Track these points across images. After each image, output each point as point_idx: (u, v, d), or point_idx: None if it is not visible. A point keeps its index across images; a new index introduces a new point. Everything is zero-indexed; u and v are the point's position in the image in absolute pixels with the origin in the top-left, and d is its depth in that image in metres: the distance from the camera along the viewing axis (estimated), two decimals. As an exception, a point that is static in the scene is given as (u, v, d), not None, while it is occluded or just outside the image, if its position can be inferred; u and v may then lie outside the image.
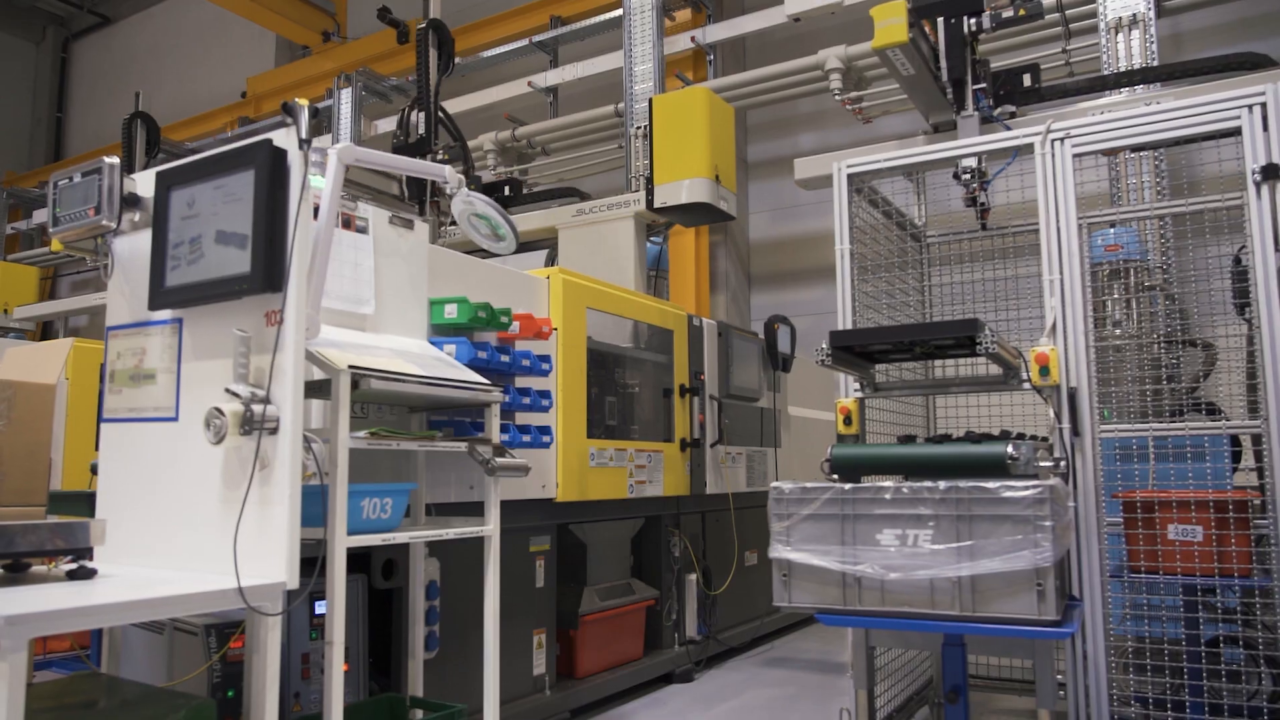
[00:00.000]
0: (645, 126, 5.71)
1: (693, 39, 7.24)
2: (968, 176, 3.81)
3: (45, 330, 10.46)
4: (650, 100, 5.69)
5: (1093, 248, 3.78)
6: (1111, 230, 3.88)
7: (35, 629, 1.77)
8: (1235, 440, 3.25)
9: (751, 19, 7.04)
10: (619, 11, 6.72)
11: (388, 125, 8.87)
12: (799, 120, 7.75)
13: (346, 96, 8.39)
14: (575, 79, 7.65)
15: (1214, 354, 3.62)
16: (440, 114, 5.60)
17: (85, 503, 3.77)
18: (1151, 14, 4.95)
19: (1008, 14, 4.37)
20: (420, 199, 5.49)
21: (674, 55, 7.22)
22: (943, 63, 4.27)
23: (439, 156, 5.55)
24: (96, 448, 5.41)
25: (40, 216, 11.71)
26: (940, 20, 4.29)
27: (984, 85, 4.27)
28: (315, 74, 10.21)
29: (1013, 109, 4.41)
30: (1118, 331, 3.82)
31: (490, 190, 6.09)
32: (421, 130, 5.57)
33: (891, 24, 4.00)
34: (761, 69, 6.83)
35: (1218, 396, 3.57)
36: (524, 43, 8.22)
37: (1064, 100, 4.66)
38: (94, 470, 4.27)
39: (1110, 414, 3.49)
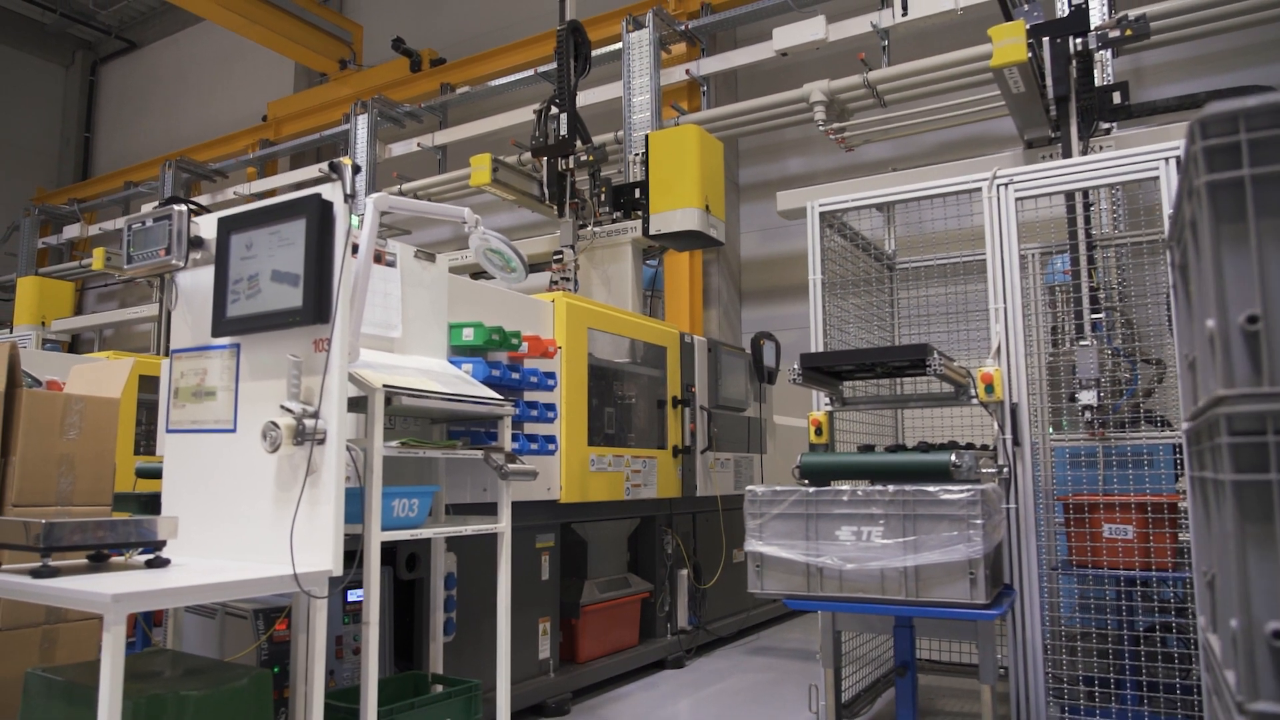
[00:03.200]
0: (641, 154, 6.13)
1: (687, 71, 7.56)
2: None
3: (73, 341, 10.90)
4: (646, 136, 6.06)
5: (1053, 270, 4.12)
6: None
7: (134, 606, 2.08)
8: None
9: (742, 53, 7.37)
10: (619, 45, 7.10)
11: (402, 149, 9.21)
12: (787, 146, 8.08)
13: (363, 122, 8.73)
14: (577, 106, 8.04)
15: (1163, 370, 3.96)
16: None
17: (134, 502, 4.14)
18: (1109, 53, 5.31)
19: (1114, 34, 4.48)
20: (560, 201, 5.88)
21: (670, 86, 7.54)
22: (1048, 80, 4.39)
23: (581, 158, 5.93)
24: (135, 453, 5.83)
25: (70, 232, 12.09)
26: (1046, 40, 4.41)
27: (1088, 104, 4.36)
28: (332, 99, 10.53)
29: (1108, 126, 4.54)
30: (1074, 348, 4.15)
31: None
32: (564, 131, 5.97)
33: (1010, 43, 4.18)
34: (751, 100, 7.16)
35: (1167, 409, 3.91)
36: (529, 73, 8.57)
37: (1151, 118, 4.77)
38: (139, 473, 4.68)
39: (1067, 424, 3.83)
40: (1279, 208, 1.23)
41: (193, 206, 2.94)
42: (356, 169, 2.77)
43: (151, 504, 4.07)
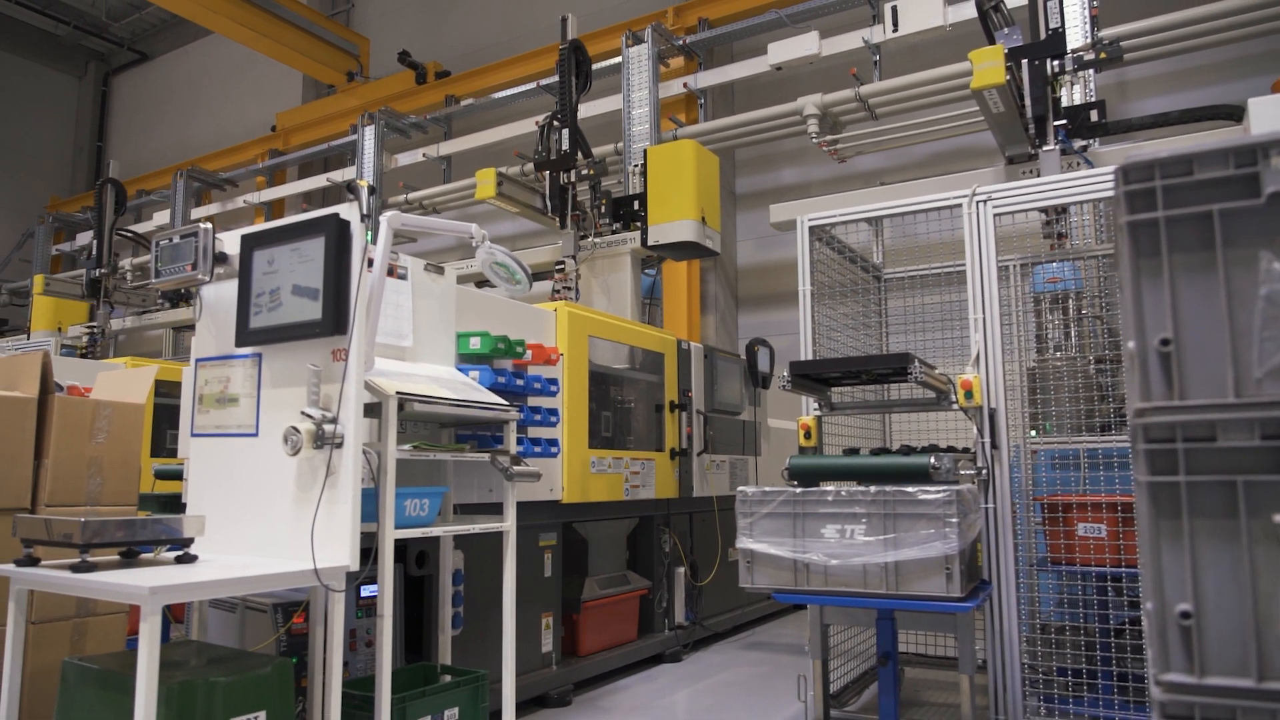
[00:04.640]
0: (640, 165, 6.32)
1: (685, 85, 7.73)
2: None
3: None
4: (645, 151, 6.23)
5: (1036, 280, 4.28)
6: (1053, 264, 4.38)
7: (170, 598, 2.22)
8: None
9: (738, 67, 7.53)
10: (618, 59, 7.28)
11: (408, 159, 9.35)
12: (782, 156, 8.23)
13: (370, 133, 8.88)
14: (578, 119, 8.22)
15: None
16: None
17: (154, 502, 4.32)
18: (1091, 71, 5.49)
19: (1089, 57, 4.66)
20: (561, 212, 6.10)
21: (668, 99, 7.70)
22: (1027, 100, 4.58)
23: (583, 171, 6.14)
24: (151, 455, 6.04)
25: (83, 239, 12.29)
26: (1025, 62, 4.59)
27: (1064, 122, 4.54)
28: (340, 110, 10.67)
29: (1087, 143, 4.66)
30: (1058, 354, 4.31)
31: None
32: (565, 146, 6.19)
33: (990, 67, 4.36)
34: (747, 113, 7.32)
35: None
36: (531, 86, 8.74)
37: (1127, 135, 4.93)
38: (157, 474, 4.86)
39: (1051, 428, 3.99)
40: (1188, 245, 1.41)
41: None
42: (372, 190, 2.95)
43: (170, 504, 4.26)
